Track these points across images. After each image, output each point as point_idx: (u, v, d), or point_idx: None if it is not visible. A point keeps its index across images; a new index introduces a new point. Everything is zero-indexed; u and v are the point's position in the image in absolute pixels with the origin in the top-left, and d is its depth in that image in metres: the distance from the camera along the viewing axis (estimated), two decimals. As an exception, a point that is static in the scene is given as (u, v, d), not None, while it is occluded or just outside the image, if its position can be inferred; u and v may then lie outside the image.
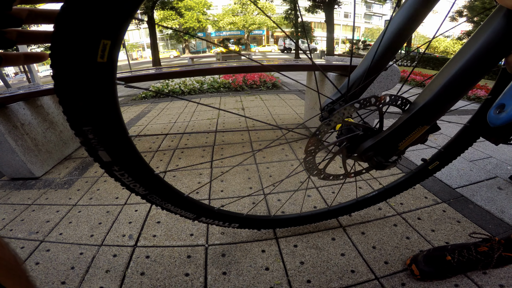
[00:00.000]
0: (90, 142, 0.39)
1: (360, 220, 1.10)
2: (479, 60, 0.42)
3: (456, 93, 0.47)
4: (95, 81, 0.33)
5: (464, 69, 0.44)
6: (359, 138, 0.60)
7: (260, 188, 1.35)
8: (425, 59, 13.28)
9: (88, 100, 0.34)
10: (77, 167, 1.71)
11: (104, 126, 0.39)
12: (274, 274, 0.87)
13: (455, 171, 1.47)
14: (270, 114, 2.71)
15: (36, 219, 1.21)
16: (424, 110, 0.50)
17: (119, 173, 0.48)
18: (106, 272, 0.90)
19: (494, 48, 0.40)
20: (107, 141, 0.41)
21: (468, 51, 0.43)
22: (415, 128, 0.52)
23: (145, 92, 4.18)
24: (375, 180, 1.40)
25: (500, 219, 1.08)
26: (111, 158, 0.44)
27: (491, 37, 0.40)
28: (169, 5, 15.61)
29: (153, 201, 0.60)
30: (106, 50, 0.30)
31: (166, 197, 0.61)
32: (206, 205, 0.76)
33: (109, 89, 0.35)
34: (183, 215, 0.70)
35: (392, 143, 0.55)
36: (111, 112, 0.38)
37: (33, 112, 1.62)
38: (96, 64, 0.31)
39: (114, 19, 0.29)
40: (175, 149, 1.90)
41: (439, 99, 0.48)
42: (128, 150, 0.46)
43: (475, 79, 0.45)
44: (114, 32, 0.30)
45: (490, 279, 0.81)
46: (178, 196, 0.64)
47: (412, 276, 0.83)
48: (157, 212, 1.20)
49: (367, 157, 0.57)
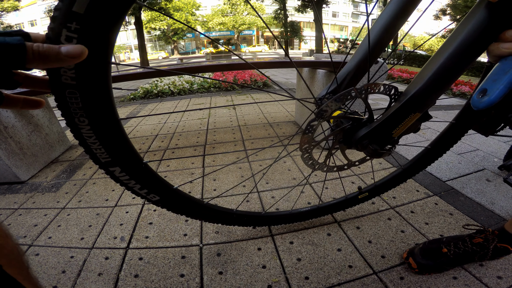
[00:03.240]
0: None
1: (355, 214, 1.10)
2: (464, 50, 0.45)
3: (446, 80, 0.49)
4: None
5: (452, 57, 0.46)
6: (353, 128, 0.60)
7: (253, 186, 1.34)
8: (412, 57, 13.56)
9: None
10: (65, 170, 1.66)
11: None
12: (271, 272, 0.86)
13: (444, 164, 1.50)
14: (262, 113, 2.71)
15: (24, 223, 1.16)
16: (415, 98, 0.51)
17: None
18: (98, 275, 0.87)
19: (477, 38, 0.42)
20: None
21: (454, 41, 0.45)
22: (408, 116, 0.54)
23: (133, 93, 4.11)
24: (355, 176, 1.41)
25: (491, 210, 1.10)
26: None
27: (474, 27, 0.42)
28: (157, 6, 15.42)
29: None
30: None
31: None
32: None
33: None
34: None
35: (386, 130, 0.56)
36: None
37: (17, 114, 1.56)
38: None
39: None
40: (166, 150, 1.87)
41: (429, 87, 0.50)
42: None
43: (462, 67, 0.47)
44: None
45: (487, 271, 0.82)
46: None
47: (410, 269, 0.83)
48: (148, 213, 1.17)
49: (363, 145, 0.57)
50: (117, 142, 0.47)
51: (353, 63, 0.65)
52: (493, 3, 0.39)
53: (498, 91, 0.38)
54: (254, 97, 3.56)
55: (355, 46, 7.41)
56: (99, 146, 0.45)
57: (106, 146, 0.45)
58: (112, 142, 0.46)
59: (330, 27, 39.40)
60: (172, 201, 0.67)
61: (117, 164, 0.49)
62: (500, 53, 0.40)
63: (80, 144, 0.44)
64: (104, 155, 0.46)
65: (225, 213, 0.84)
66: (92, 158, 0.46)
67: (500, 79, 0.38)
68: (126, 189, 0.55)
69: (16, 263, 0.37)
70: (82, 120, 0.40)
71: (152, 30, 24.18)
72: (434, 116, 1.33)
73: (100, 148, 0.45)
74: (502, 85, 0.37)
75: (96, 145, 0.44)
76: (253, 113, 2.71)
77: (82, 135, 0.42)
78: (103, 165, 0.48)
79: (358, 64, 0.65)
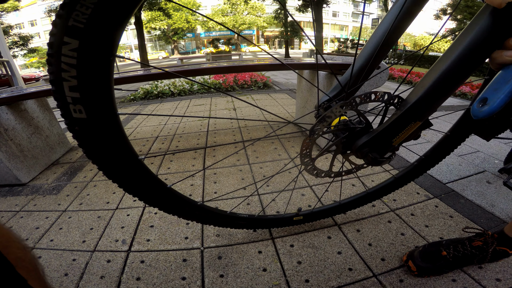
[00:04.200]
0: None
1: (355, 217, 1.10)
2: (467, 57, 0.44)
3: (447, 89, 0.48)
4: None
5: (453, 66, 0.45)
6: (354, 135, 0.60)
7: (253, 188, 1.34)
8: (412, 57, 13.55)
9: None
10: (65, 172, 1.66)
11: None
12: (272, 275, 0.86)
13: (445, 166, 1.50)
14: (262, 114, 2.71)
15: (25, 226, 1.17)
16: (416, 106, 0.51)
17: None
18: (101, 278, 0.88)
19: (481, 45, 0.42)
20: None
21: (457, 48, 0.44)
22: (408, 124, 0.53)
23: (133, 94, 4.11)
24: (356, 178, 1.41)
25: (491, 213, 1.11)
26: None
27: (478, 34, 0.42)
28: (156, 6, 15.42)
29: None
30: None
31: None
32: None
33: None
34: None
35: (386, 139, 0.56)
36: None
37: (17, 117, 1.57)
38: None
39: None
40: (166, 152, 1.87)
41: (430, 95, 0.49)
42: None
43: (464, 76, 0.46)
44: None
45: (486, 273, 0.83)
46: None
47: (410, 272, 0.84)
48: (149, 216, 1.17)
49: (363, 153, 0.57)
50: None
51: (357, 66, 0.65)
52: (499, 9, 0.38)
53: (499, 100, 0.37)
54: (254, 98, 3.56)
55: (354, 46, 7.37)
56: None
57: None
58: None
59: (330, 26, 39.36)
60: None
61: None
62: (503, 61, 0.40)
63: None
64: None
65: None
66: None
67: (501, 88, 0.38)
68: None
69: (35, 274, 0.38)
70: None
71: (152, 30, 24.18)
72: (435, 116, 1.31)
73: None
74: (503, 94, 0.37)
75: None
76: (253, 114, 2.72)
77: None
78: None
79: (361, 68, 0.64)
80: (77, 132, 0.41)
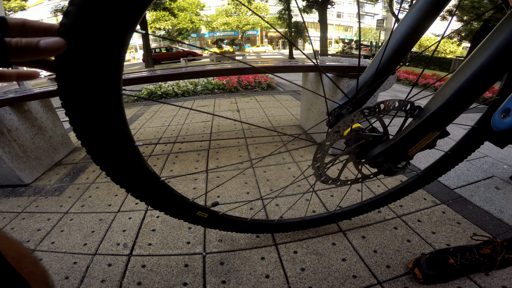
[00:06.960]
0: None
1: (360, 224, 1.08)
2: (493, 65, 0.41)
3: (469, 99, 0.45)
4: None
5: (478, 75, 0.42)
6: (369, 143, 0.58)
7: (258, 194, 1.33)
8: (418, 58, 13.44)
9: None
10: (68, 173, 1.66)
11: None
12: (274, 282, 0.84)
13: (453, 171, 1.47)
14: (266, 116, 2.69)
15: (27, 228, 1.16)
16: (435, 116, 0.48)
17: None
18: (101, 282, 0.87)
19: (508, 53, 0.39)
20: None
21: (481, 56, 0.42)
22: (426, 134, 0.51)
23: (137, 94, 4.12)
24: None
25: (500, 219, 1.08)
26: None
27: (505, 41, 0.39)
28: (161, 6, 15.48)
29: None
30: None
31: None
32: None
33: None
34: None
35: (402, 149, 0.54)
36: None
37: (20, 117, 1.57)
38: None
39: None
40: (169, 154, 1.86)
41: (451, 105, 0.46)
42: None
43: (488, 84, 0.43)
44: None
45: (492, 280, 0.81)
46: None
47: (415, 279, 0.82)
48: (151, 219, 1.16)
49: (377, 163, 0.55)
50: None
51: (371, 71, 0.62)
52: None
53: None
54: (258, 99, 3.54)
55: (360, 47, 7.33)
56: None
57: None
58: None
59: (334, 27, 39.22)
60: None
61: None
62: None
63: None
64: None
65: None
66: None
67: None
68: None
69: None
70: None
71: (157, 30, 24.24)
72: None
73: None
74: None
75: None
76: (257, 116, 2.70)
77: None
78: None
79: (376, 73, 0.61)
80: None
